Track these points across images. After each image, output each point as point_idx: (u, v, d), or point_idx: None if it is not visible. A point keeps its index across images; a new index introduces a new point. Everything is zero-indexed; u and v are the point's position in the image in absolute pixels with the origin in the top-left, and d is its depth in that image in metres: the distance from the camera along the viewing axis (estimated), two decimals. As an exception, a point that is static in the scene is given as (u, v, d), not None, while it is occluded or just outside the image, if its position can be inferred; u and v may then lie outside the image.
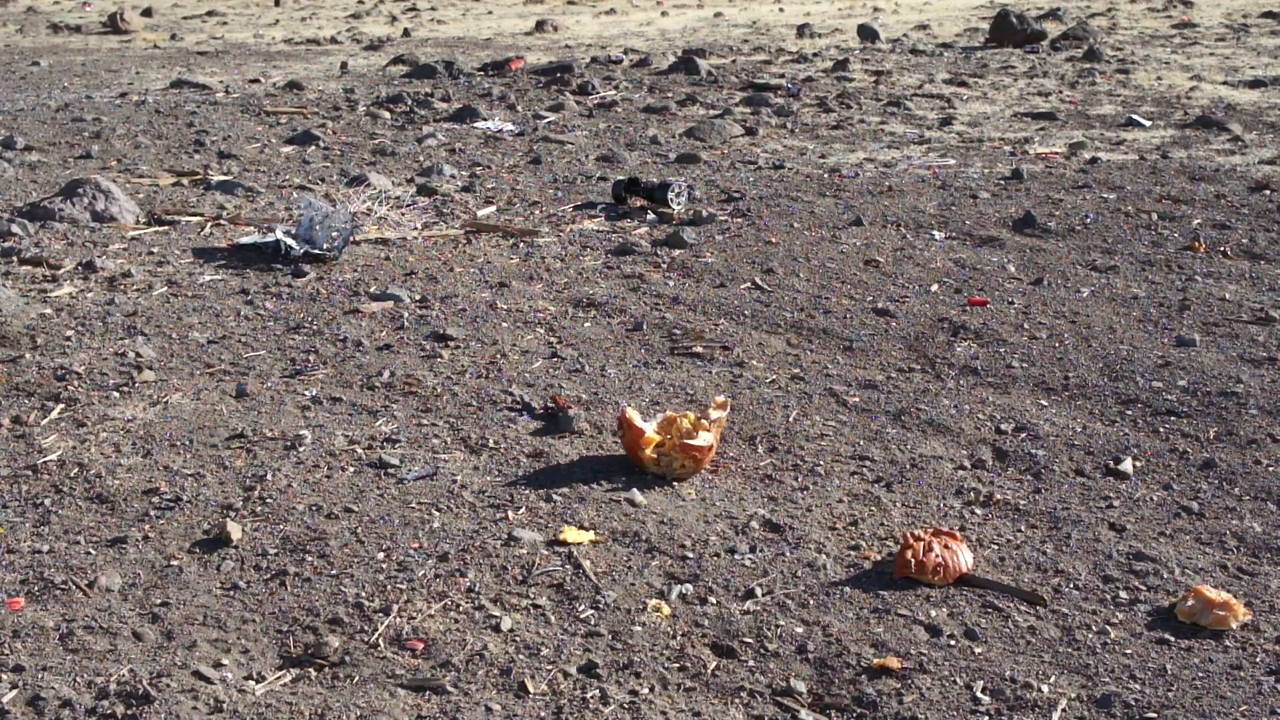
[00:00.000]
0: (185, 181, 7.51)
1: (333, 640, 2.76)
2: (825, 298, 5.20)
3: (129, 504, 3.41)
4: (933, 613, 2.92)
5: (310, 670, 2.68)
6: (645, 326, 4.88)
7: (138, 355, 4.51)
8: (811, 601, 2.97)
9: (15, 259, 5.69)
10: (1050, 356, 4.54)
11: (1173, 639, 2.82)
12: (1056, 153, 8.12)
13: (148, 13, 19.50)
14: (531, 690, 2.62)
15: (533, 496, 3.46)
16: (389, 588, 2.99)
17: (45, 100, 10.79)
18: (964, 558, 3.07)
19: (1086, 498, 3.51)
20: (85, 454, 3.72)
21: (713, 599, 2.97)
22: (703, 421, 3.66)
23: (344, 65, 13.07)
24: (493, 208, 6.85)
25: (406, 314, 5.01)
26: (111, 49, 15.37)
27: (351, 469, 3.62)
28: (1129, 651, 2.77)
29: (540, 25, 16.99)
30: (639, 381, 4.34)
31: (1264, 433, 3.89)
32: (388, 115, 9.91)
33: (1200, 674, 2.70)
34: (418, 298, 5.23)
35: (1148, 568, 3.12)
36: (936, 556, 3.03)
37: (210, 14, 19.87)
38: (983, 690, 2.63)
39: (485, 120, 9.55)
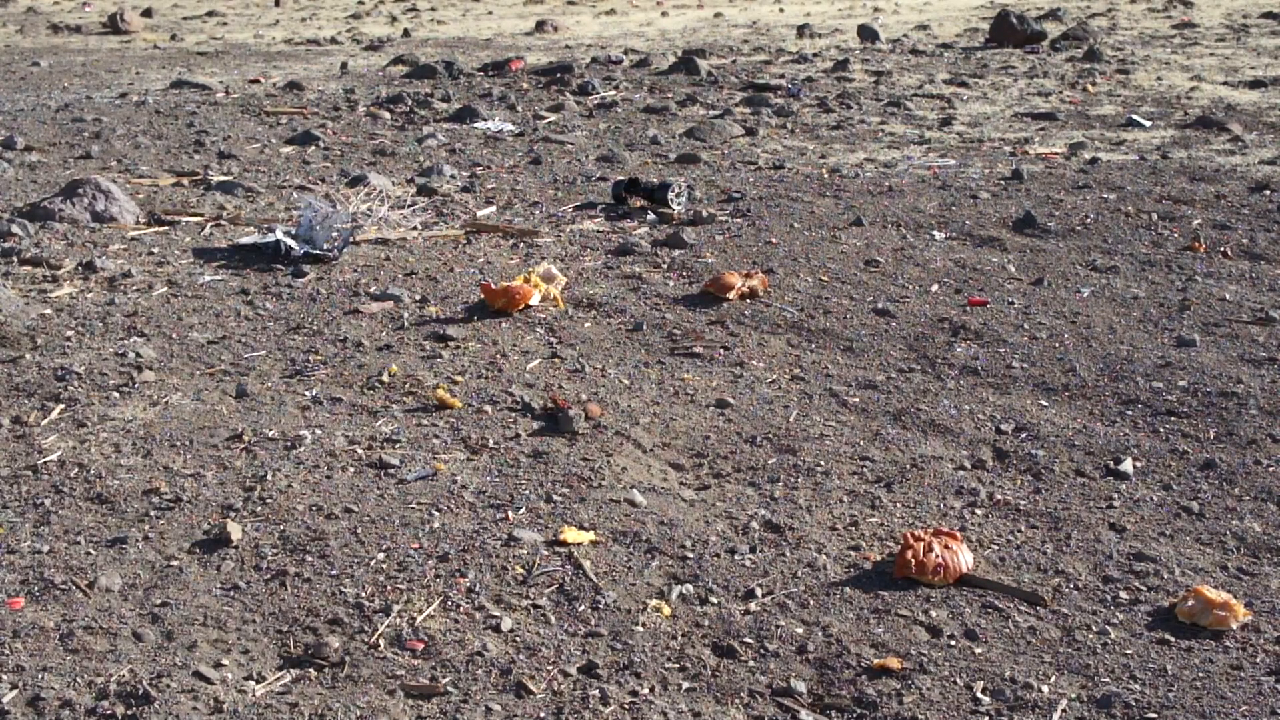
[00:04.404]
0: (185, 182, 7.51)
1: (333, 640, 2.76)
2: (825, 298, 5.20)
3: (129, 504, 3.41)
4: (933, 613, 2.92)
5: (310, 670, 2.68)
6: (645, 326, 4.89)
7: (138, 355, 4.51)
8: (812, 601, 2.97)
9: (15, 259, 5.69)
10: (1050, 356, 4.54)
11: (1173, 639, 2.82)
12: (1056, 153, 8.12)
13: (148, 13, 19.50)
14: (532, 690, 2.62)
15: (533, 496, 3.46)
16: (389, 588, 2.99)
17: (45, 100, 10.79)
18: (964, 558, 3.07)
19: (1086, 498, 3.51)
20: (85, 454, 3.72)
21: (713, 599, 2.97)
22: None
23: (344, 65, 13.08)
24: (493, 208, 6.85)
25: (406, 314, 5.01)
26: (111, 49, 15.37)
27: (351, 469, 3.62)
28: (1129, 651, 2.77)
29: (540, 25, 16.99)
30: (639, 381, 4.34)
31: (1264, 433, 3.89)
32: (388, 115, 9.91)
33: (1200, 674, 2.70)
34: (418, 298, 5.23)
35: (1148, 568, 3.12)
36: (937, 557, 3.03)
37: (210, 14, 19.88)
38: (983, 690, 2.63)
39: (485, 120, 9.55)
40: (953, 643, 2.81)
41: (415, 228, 6.36)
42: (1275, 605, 2.95)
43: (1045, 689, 2.64)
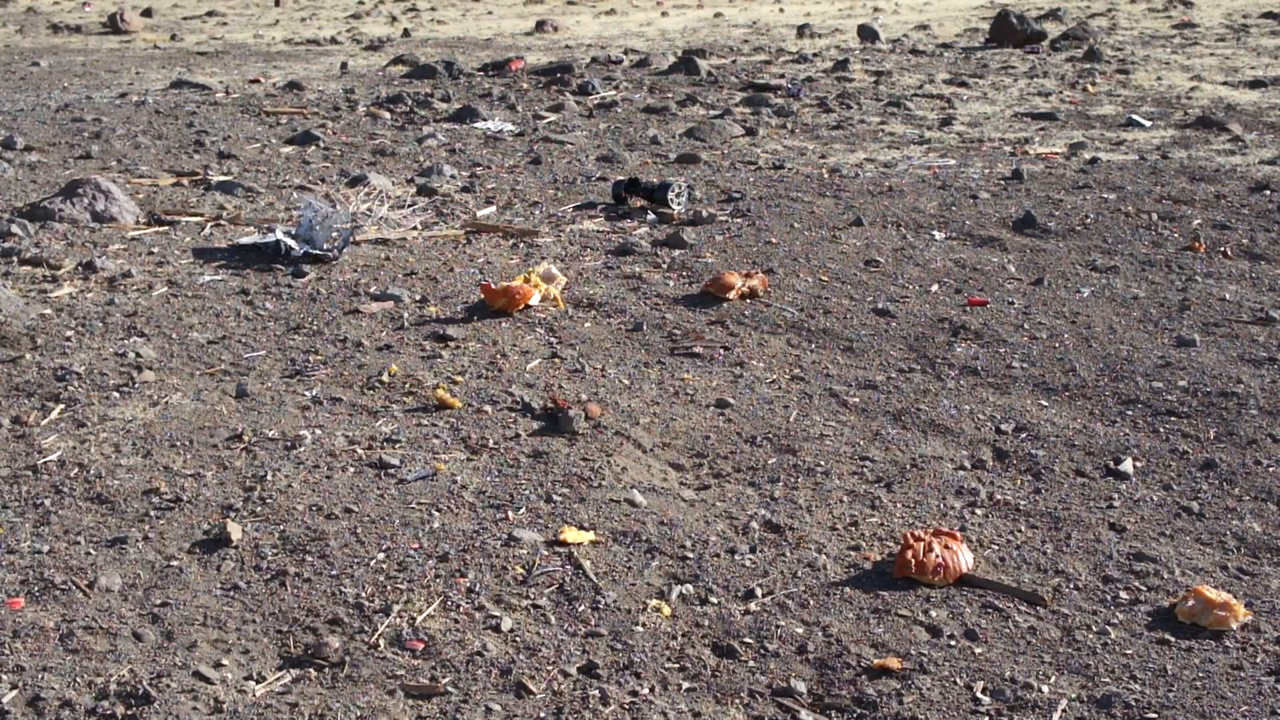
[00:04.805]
0: (185, 181, 7.51)
1: (333, 640, 2.76)
2: (825, 298, 5.20)
3: (129, 504, 3.41)
4: (933, 613, 2.92)
5: (310, 670, 2.68)
6: (645, 326, 4.89)
7: (138, 355, 4.51)
8: (812, 602, 2.97)
9: (15, 259, 5.69)
10: (1050, 356, 4.54)
11: (1173, 639, 2.82)
12: (1056, 153, 8.12)
13: (148, 13, 19.51)
14: (532, 690, 2.62)
15: (533, 496, 3.46)
16: (389, 588, 2.99)
17: (45, 100, 10.79)
18: (964, 558, 3.07)
19: (1086, 498, 3.51)
20: (85, 454, 3.72)
21: (713, 599, 2.97)
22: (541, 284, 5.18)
23: (344, 65, 13.08)
24: (493, 208, 6.85)
25: (406, 314, 5.01)
26: (111, 49, 15.37)
27: (351, 469, 3.62)
28: (1129, 651, 2.77)
29: (540, 25, 17.00)
30: (639, 381, 4.34)
31: (1264, 433, 3.89)
32: (388, 115, 9.91)
33: (1200, 674, 2.70)
34: (418, 298, 5.23)
35: (1148, 568, 3.12)
36: (937, 557, 3.03)
37: (210, 14, 19.88)
38: (983, 690, 2.63)
39: (485, 120, 9.55)
40: (953, 643, 2.81)
41: (415, 228, 6.36)
42: (1275, 605, 2.95)
43: (1045, 689, 2.64)
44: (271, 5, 21.25)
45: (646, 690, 2.64)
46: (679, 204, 6.60)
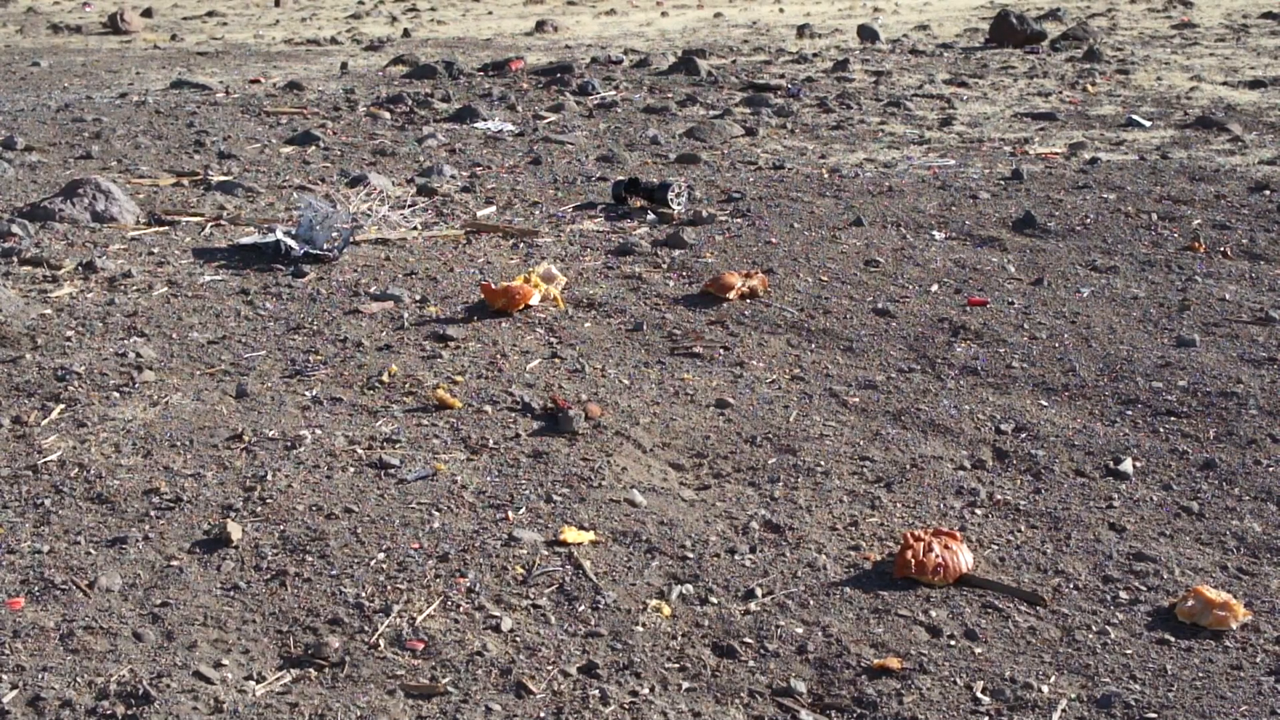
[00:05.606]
0: (185, 182, 7.51)
1: (333, 640, 2.76)
2: (825, 298, 5.20)
3: (129, 504, 3.41)
4: (933, 613, 2.92)
5: (310, 670, 2.68)
6: (645, 326, 4.89)
7: (138, 355, 4.51)
8: (811, 601, 2.97)
9: (15, 259, 5.69)
10: (1050, 356, 4.54)
11: (1173, 639, 2.82)
12: (1056, 153, 8.12)
13: (148, 13, 19.51)
14: (532, 690, 2.62)
15: (533, 496, 3.46)
16: (389, 588, 2.99)
17: (45, 100, 10.79)
18: (964, 558, 3.07)
19: (1086, 498, 3.51)
20: (85, 454, 3.72)
21: (713, 599, 2.97)
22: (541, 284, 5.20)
23: (344, 65, 13.08)
24: (493, 208, 6.86)
25: (406, 314, 5.01)
26: (112, 49, 15.37)
27: (351, 469, 3.62)
28: (1129, 651, 2.78)
29: (540, 25, 17.00)
30: (639, 381, 4.34)
31: (1264, 433, 3.89)
32: (388, 115, 9.91)
33: (1200, 674, 2.70)
34: (418, 298, 5.23)
35: (1148, 568, 3.12)
36: (937, 557, 3.03)
37: (210, 14, 19.88)
38: (983, 690, 2.64)
39: (485, 120, 9.56)
40: (953, 643, 2.81)
41: (415, 228, 6.36)
42: (1275, 605, 2.95)
43: (1045, 689, 2.64)
44: (271, 5, 21.26)
45: (646, 690, 2.64)
46: (679, 204, 6.60)
